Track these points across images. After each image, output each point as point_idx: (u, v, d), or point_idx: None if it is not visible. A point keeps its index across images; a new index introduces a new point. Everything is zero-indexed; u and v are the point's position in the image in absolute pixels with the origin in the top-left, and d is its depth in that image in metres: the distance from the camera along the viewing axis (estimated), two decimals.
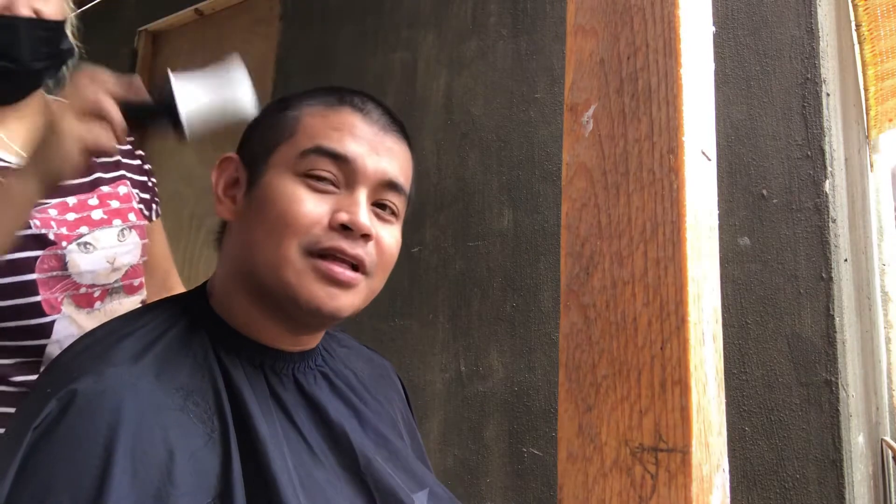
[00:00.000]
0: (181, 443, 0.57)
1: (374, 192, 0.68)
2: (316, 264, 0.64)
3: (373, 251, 0.67)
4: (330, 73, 2.15)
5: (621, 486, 0.41)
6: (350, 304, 0.66)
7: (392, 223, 0.71)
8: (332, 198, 0.65)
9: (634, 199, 0.44)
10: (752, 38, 1.41)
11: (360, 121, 0.68)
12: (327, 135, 0.66)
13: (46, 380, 0.61)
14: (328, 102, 0.70)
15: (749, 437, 1.28)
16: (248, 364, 0.67)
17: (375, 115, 0.70)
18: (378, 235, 0.68)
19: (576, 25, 0.49)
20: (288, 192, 0.65)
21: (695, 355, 0.41)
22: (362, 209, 0.65)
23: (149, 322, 0.66)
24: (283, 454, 0.62)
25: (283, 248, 0.63)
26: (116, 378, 0.58)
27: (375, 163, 0.67)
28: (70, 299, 0.92)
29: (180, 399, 0.60)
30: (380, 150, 0.68)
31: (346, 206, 0.65)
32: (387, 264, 0.70)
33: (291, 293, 0.64)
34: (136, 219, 1.03)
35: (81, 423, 0.54)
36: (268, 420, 0.63)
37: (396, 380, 0.89)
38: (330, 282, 0.64)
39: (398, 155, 0.71)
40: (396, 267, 0.64)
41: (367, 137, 0.68)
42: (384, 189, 0.68)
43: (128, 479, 0.52)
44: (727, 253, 1.35)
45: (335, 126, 0.67)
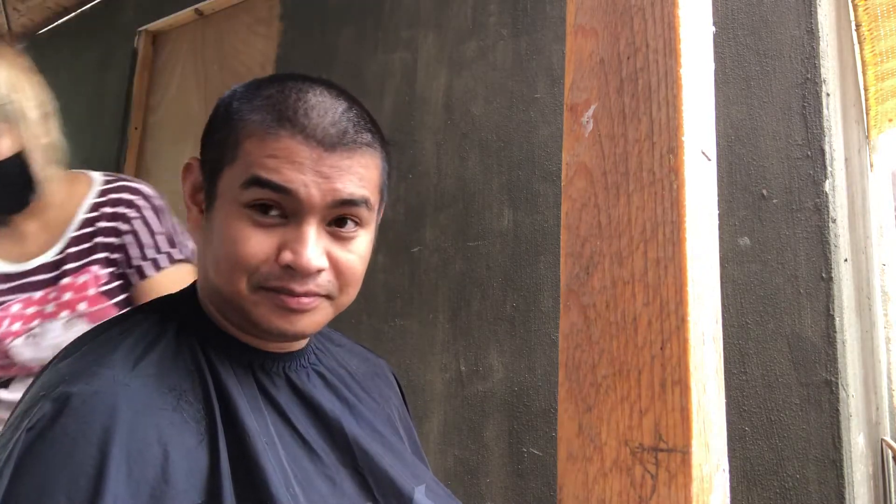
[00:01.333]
0: (175, 441, 0.57)
1: (326, 215, 0.64)
2: (268, 297, 0.63)
3: (328, 278, 0.65)
4: (330, 73, 2.15)
5: (621, 486, 0.41)
6: (314, 323, 0.66)
7: (354, 237, 0.67)
8: (279, 231, 0.63)
9: (634, 199, 0.44)
10: (752, 38, 1.41)
11: (299, 144, 0.62)
12: (264, 164, 0.62)
13: (41, 383, 0.61)
14: (265, 123, 0.63)
15: (749, 437, 1.28)
16: (237, 364, 0.67)
17: (319, 132, 0.63)
18: (336, 260, 0.65)
19: (576, 25, 0.49)
20: (234, 228, 0.62)
21: (695, 355, 0.41)
22: (308, 246, 0.62)
23: (140, 323, 0.66)
24: (277, 451, 0.62)
25: (235, 284, 0.63)
26: (110, 379, 0.58)
27: (321, 188, 0.62)
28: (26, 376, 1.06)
29: (174, 399, 0.60)
30: (326, 172, 0.63)
31: (291, 242, 0.62)
32: (351, 282, 0.67)
33: (252, 320, 0.64)
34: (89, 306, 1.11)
35: (76, 424, 0.54)
36: (258, 418, 0.63)
37: (392, 378, 0.89)
38: (286, 311, 0.63)
39: (351, 168, 0.64)
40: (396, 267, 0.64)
41: (310, 163, 0.62)
42: (339, 207, 0.64)
43: (123, 479, 0.52)
44: (727, 253, 1.35)
45: (272, 153, 0.62)
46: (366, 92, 2.05)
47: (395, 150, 1.95)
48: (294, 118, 0.63)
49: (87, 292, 1.12)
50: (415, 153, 1.91)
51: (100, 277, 1.13)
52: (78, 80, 3.26)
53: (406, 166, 1.92)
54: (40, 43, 3.64)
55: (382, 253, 1.91)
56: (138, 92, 2.85)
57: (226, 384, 0.63)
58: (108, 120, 2.95)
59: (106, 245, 1.15)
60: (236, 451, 0.60)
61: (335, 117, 0.65)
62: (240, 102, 0.66)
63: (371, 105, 2.19)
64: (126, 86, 2.89)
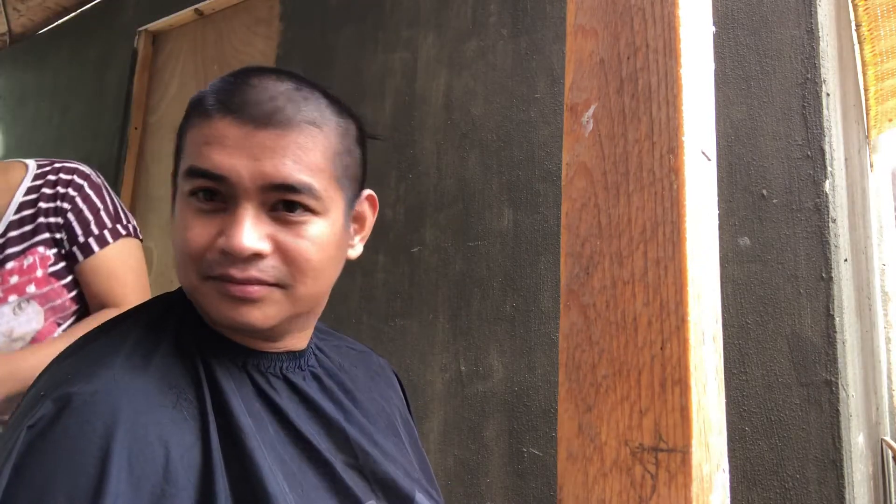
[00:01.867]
0: (175, 439, 0.57)
1: (264, 199, 0.62)
2: (215, 286, 0.62)
3: (275, 264, 0.62)
4: (330, 73, 2.16)
5: (621, 486, 0.41)
6: (266, 316, 0.63)
7: (305, 222, 0.63)
8: (220, 218, 0.62)
9: (634, 199, 0.44)
10: (752, 38, 1.41)
11: (230, 125, 0.61)
12: (198, 152, 0.62)
13: (41, 384, 0.61)
14: (202, 111, 0.63)
15: (749, 437, 1.28)
16: (232, 364, 0.66)
17: (251, 110, 0.62)
18: (283, 245, 0.62)
19: (576, 25, 0.49)
20: (181, 219, 0.63)
21: (695, 355, 0.41)
22: (242, 230, 0.60)
23: (138, 323, 0.66)
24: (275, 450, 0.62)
25: (188, 276, 0.63)
26: (110, 379, 0.58)
27: (251, 170, 0.60)
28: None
29: (174, 396, 0.60)
30: (256, 153, 0.61)
31: (227, 228, 0.61)
32: (307, 269, 0.64)
33: (207, 313, 0.64)
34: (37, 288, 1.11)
35: (77, 423, 0.54)
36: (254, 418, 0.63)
37: (394, 378, 0.89)
38: (233, 300, 0.62)
39: (286, 148, 0.62)
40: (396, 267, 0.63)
41: (238, 143, 0.61)
42: (277, 192, 0.62)
43: (125, 477, 0.52)
44: (727, 253, 1.35)
45: (206, 139, 0.62)
46: (366, 92, 2.05)
47: (395, 150, 1.95)
48: (228, 101, 0.62)
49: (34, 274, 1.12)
50: (415, 153, 1.91)
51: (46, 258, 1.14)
52: (78, 80, 3.26)
53: (406, 166, 1.92)
54: (40, 43, 3.64)
55: (382, 253, 1.91)
56: (138, 92, 2.85)
57: (220, 384, 0.63)
58: (108, 120, 2.96)
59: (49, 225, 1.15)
60: (231, 450, 0.60)
61: (271, 95, 0.63)
62: (189, 105, 0.67)
63: (371, 105, 2.19)
64: (126, 86, 2.89)
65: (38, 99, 3.52)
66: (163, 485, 0.54)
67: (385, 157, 1.96)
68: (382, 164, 1.96)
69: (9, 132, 3.70)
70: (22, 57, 3.74)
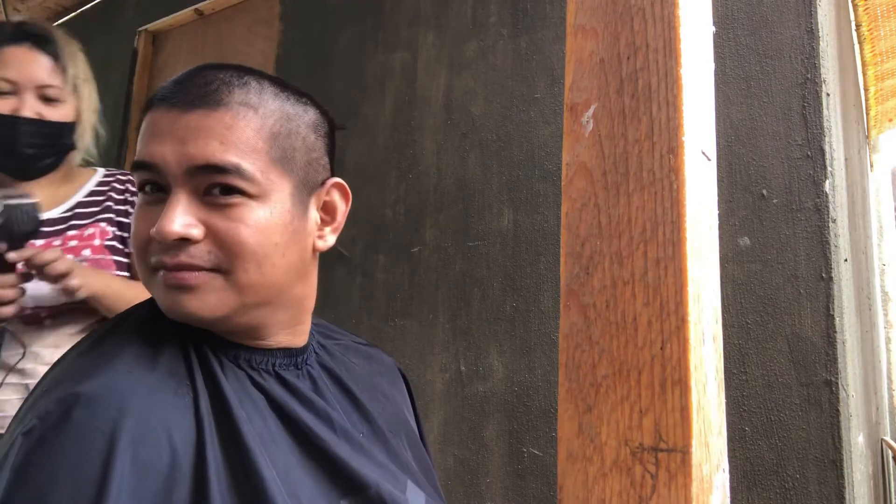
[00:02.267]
0: (177, 424, 0.57)
1: (194, 184, 0.61)
2: (159, 277, 0.62)
3: (209, 249, 0.61)
4: (330, 73, 2.16)
5: (621, 486, 0.41)
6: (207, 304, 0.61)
7: (237, 205, 0.61)
8: (159, 208, 0.61)
9: (634, 199, 0.44)
10: (752, 38, 1.41)
11: (161, 113, 0.61)
12: (139, 146, 0.63)
13: (48, 381, 0.61)
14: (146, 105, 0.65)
15: (749, 437, 1.28)
16: (226, 357, 0.66)
17: (179, 96, 0.61)
18: (214, 229, 0.61)
19: (576, 25, 0.49)
20: (134, 213, 0.65)
21: (695, 355, 0.41)
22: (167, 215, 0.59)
23: (139, 320, 0.67)
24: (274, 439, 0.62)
25: (141, 270, 0.65)
26: (114, 373, 0.58)
27: (177, 154, 0.60)
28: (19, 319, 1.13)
29: (175, 383, 0.60)
30: (181, 135, 0.60)
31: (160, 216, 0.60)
32: (242, 253, 0.61)
33: (160, 305, 0.64)
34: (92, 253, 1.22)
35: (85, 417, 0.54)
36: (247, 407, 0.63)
37: (400, 376, 0.88)
38: (171, 289, 0.61)
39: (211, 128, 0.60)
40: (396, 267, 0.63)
41: (167, 129, 0.60)
42: (206, 173, 0.60)
43: (129, 462, 0.53)
44: (727, 253, 1.35)
45: (144, 131, 0.63)
46: (366, 92, 2.05)
47: (395, 150, 1.95)
48: (163, 91, 0.63)
49: (92, 241, 1.23)
50: (415, 153, 1.91)
51: (106, 232, 1.25)
52: None
53: (406, 166, 1.92)
54: None
55: (382, 253, 1.91)
56: (138, 92, 2.85)
57: (215, 374, 0.63)
58: (108, 120, 2.95)
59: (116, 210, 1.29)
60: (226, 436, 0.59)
61: (207, 81, 0.63)
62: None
63: (371, 105, 2.20)
64: (126, 86, 2.89)
65: None
66: (169, 470, 0.54)
67: (385, 157, 1.96)
68: (382, 164, 1.96)
69: None
70: None
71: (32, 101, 1.17)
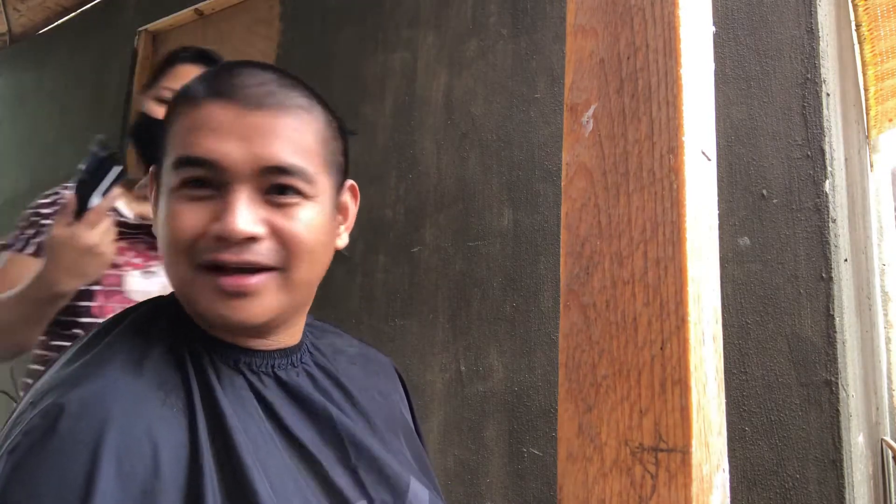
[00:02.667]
0: (164, 435, 0.56)
1: (258, 183, 0.61)
2: (209, 280, 0.60)
3: (270, 247, 0.61)
4: (330, 73, 2.16)
5: (621, 486, 0.41)
6: (264, 309, 0.62)
7: (297, 205, 0.63)
8: (211, 204, 0.61)
9: (634, 199, 0.44)
10: (752, 38, 1.41)
11: (220, 108, 0.61)
12: (187, 141, 0.61)
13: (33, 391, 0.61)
14: (190, 100, 0.63)
15: (749, 437, 1.28)
16: (222, 363, 0.66)
17: (241, 93, 0.61)
18: (278, 228, 0.62)
19: (576, 25, 0.49)
20: (170, 210, 0.62)
21: (695, 355, 0.41)
22: (236, 213, 0.59)
23: (129, 327, 0.66)
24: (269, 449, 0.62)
25: (179, 269, 0.62)
26: (99, 381, 0.58)
27: (243, 153, 0.60)
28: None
29: (163, 394, 0.59)
30: (248, 134, 0.60)
31: (220, 212, 0.60)
32: (302, 252, 0.63)
33: (200, 311, 0.62)
34: None
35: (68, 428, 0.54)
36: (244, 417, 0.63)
37: (396, 376, 0.88)
38: (228, 296, 0.60)
39: (276, 129, 0.62)
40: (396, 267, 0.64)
41: (228, 125, 0.60)
42: (271, 175, 0.61)
43: (113, 474, 0.52)
44: (727, 253, 1.35)
45: (195, 126, 0.61)
46: (366, 92, 2.05)
47: (395, 150, 1.95)
48: (216, 85, 0.62)
49: None
50: (415, 153, 1.91)
51: None
52: (78, 80, 3.26)
53: (406, 166, 1.92)
54: (40, 43, 3.64)
55: (382, 253, 1.91)
56: (138, 92, 2.86)
57: (210, 383, 0.63)
58: (108, 119, 2.95)
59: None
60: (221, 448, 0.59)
61: (260, 81, 0.63)
62: (173, 100, 0.67)
63: (371, 105, 2.20)
64: (126, 86, 2.89)
65: (38, 99, 3.52)
66: (152, 481, 0.54)
67: (385, 157, 1.96)
68: (382, 164, 1.96)
69: (8, 132, 3.70)
70: (22, 57, 3.74)
71: None
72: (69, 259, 1.02)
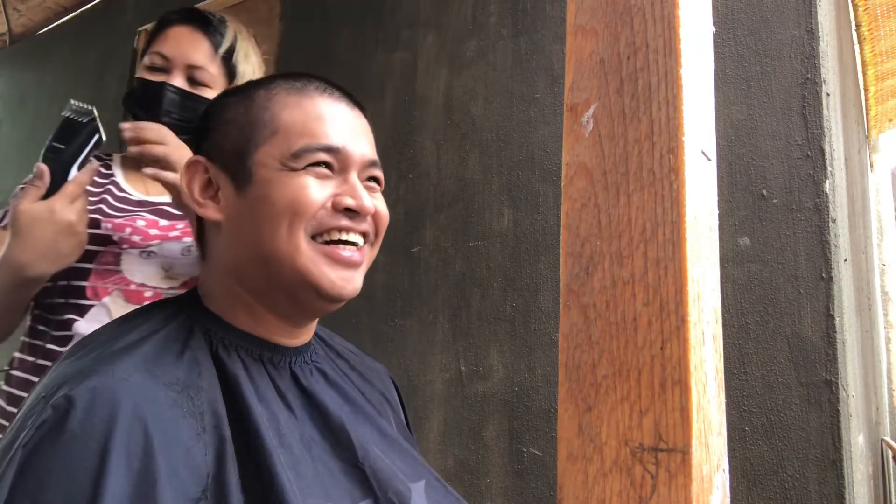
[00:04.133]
0: (173, 436, 0.57)
1: (362, 172, 0.73)
2: (326, 250, 0.68)
3: (373, 223, 0.73)
4: (330, 73, 2.15)
5: (621, 486, 0.41)
6: (359, 283, 0.72)
7: (379, 192, 0.76)
8: (331, 182, 0.70)
9: (634, 199, 0.44)
10: (752, 38, 1.41)
11: (331, 105, 0.72)
12: (313, 129, 0.69)
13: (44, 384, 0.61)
14: (294, 89, 0.72)
15: (749, 437, 1.28)
16: (248, 356, 0.67)
17: (337, 95, 0.74)
18: (376, 209, 0.73)
19: (576, 25, 0.49)
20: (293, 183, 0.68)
21: (695, 355, 0.41)
22: (363, 192, 0.70)
23: (145, 322, 0.66)
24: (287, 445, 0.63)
25: (295, 238, 0.67)
26: (111, 377, 0.58)
27: (359, 147, 0.72)
28: (120, 293, 1.07)
29: (174, 394, 0.60)
30: (358, 131, 0.73)
31: (346, 191, 0.70)
32: (383, 231, 0.76)
33: (310, 280, 0.67)
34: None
35: (78, 422, 0.54)
36: (269, 409, 0.64)
37: (391, 384, 0.89)
38: (342, 265, 0.69)
39: (368, 131, 0.76)
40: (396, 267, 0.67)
41: (346, 122, 0.72)
42: (369, 168, 0.73)
43: (123, 472, 0.53)
44: (727, 253, 1.35)
45: (315, 116, 0.70)
46: (366, 92, 2.05)
47: (395, 150, 1.95)
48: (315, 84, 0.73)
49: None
50: (415, 153, 1.91)
51: None
52: (78, 80, 3.26)
53: (406, 166, 1.92)
54: (40, 43, 3.64)
55: (382, 253, 1.90)
56: None
57: (234, 376, 0.64)
58: (108, 120, 2.95)
59: None
60: (243, 442, 0.60)
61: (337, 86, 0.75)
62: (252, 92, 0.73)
63: (371, 105, 2.19)
64: (126, 86, 2.89)
65: (38, 99, 3.52)
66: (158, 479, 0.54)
67: (385, 157, 1.96)
68: (382, 164, 1.96)
69: (9, 132, 3.70)
70: (22, 57, 3.74)
71: (180, 79, 1.16)
72: (45, 238, 0.89)
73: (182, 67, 1.16)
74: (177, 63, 1.16)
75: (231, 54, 1.22)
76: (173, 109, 1.15)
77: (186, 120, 1.16)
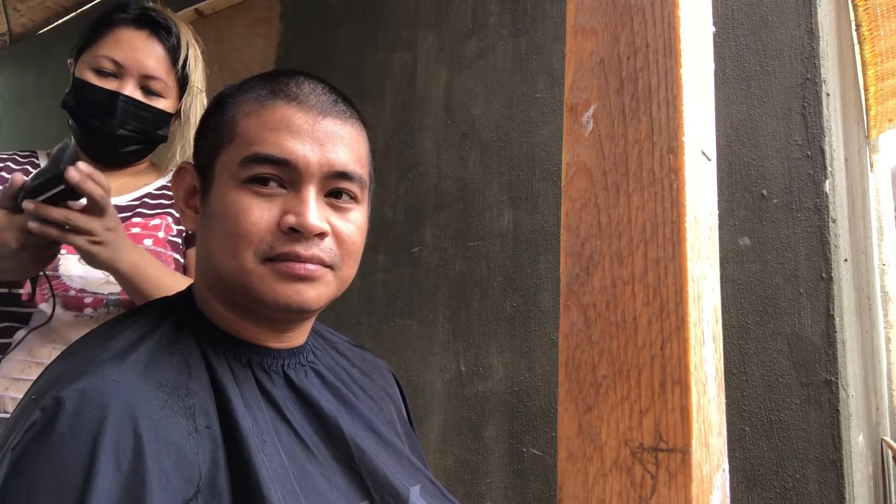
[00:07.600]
0: (163, 436, 0.57)
1: (323, 185, 0.66)
2: (275, 267, 0.63)
3: (331, 245, 0.66)
4: (330, 73, 2.15)
5: (621, 486, 0.41)
6: (319, 295, 0.66)
7: (351, 209, 0.68)
8: (280, 200, 0.64)
9: (634, 199, 0.44)
10: (752, 38, 1.41)
11: (295, 111, 0.65)
12: (263, 138, 0.64)
13: (36, 387, 0.61)
14: (260, 97, 0.66)
15: (749, 437, 1.28)
16: (235, 361, 0.67)
17: (312, 100, 0.67)
18: (336, 228, 0.67)
19: (576, 25, 0.49)
20: (235, 202, 0.64)
21: (695, 355, 0.41)
22: (311, 209, 0.63)
23: (136, 322, 0.66)
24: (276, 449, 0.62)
25: (240, 259, 0.64)
26: (101, 377, 0.58)
27: (318, 156, 0.65)
28: (60, 299, 1.05)
29: (164, 394, 0.60)
30: (321, 139, 0.65)
31: (293, 207, 0.63)
32: (352, 252, 0.69)
33: (258, 296, 0.64)
34: (154, 245, 1.13)
35: (68, 424, 0.54)
36: (255, 415, 0.63)
37: (392, 380, 0.89)
38: (293, 279, 0.64)
39: (343, 137, 0.67)
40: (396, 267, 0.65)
41: (306, 129, 0.65)
42: (334, 179, 0.66)
43: (112, 472, 0.52)
44: (727, 253, 1.35)
45: (270, 125, 0.64)
46: (366, 92, 2.05)
47: (395, 150, 1.95)
48: (287, 90, 0.66)
49: (156, 233, 1.15)
50: (415, 153, 1.91)
51: (170, 228, 1.17)
52: None
53: (406, 166, 1.92)
54: (40, 43, 3.64)
55: (382, 253, 1.91)
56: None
57: (222, 381, 0.63)
58: None
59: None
60: (232, 448, 0.60)
61: (324, 89, 0.69)
62: (232, 90, 0.70)
63: (371, 105, 2.19)
64: None
65: (38, 99, 3.52)
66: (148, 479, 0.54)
67: (385, 157, 1.96)
68: (382, 164, 1.96)
69: (9, 132, 3.70)
70: (22, 57, 3.74)
71: (133, 88, 1.11)
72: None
73: (136, 76, 1.12)
74: (130, 71, 1.12)
75: (185, 63, 1.18)
76: (128, 121, 1.12)
77: (140, 131, 1.14)
